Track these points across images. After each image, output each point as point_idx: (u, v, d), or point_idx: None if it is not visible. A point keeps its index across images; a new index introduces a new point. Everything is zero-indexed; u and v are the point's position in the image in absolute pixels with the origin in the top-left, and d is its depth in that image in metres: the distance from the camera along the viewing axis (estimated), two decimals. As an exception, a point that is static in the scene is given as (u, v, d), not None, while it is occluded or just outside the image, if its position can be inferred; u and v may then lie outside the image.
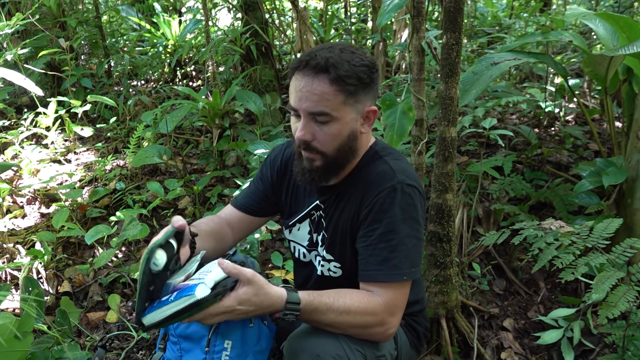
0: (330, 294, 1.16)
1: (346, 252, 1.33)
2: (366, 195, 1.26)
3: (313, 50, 1.21)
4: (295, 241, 1.48)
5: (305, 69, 1.18)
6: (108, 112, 4.15)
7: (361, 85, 1.20)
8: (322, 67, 1.16)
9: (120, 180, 3.11)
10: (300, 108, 1.20)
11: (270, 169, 1.50)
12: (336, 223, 1.34)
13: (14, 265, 2.30)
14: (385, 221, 1.22)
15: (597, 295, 1.34)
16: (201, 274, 1.12)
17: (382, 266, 1.21)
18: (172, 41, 4.97)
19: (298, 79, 1.19)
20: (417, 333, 1.48)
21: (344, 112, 1.20)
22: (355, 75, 1.18)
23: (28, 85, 2.31)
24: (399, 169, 1.27)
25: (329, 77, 1.16)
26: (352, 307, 1.16)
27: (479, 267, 2.32)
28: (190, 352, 1.30)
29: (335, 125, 1.21)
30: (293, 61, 1.25)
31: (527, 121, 3.58)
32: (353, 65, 1.18)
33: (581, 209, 2.40)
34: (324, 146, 1.23)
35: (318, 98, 1.17)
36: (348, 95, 1.19)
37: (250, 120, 4.03)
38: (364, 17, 5.93)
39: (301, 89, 1.18)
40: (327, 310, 1.14)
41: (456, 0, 1.64)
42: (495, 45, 4.29)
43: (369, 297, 1.20)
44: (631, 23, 2.23)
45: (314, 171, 1.26)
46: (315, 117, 1.20)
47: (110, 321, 2.17)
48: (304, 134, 1.21)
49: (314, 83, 1.17)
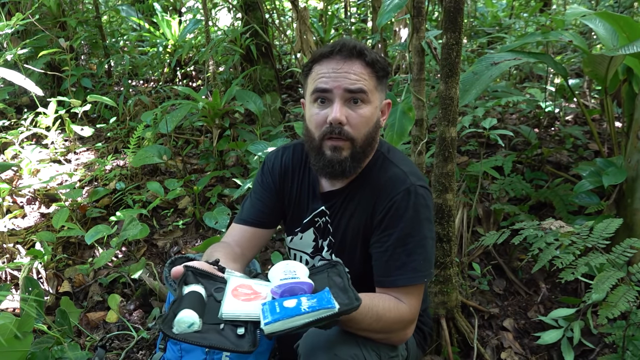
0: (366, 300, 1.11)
1: (355, 256, 1.33)
2: (379, 200, 1.26)
3: (336, 42, 1.25)
4: (296, 249, 1.47)
5: (339, 54, 1.22)
6: (108, 112, 4.15)
7: (385, 75, 1.27)
8: (359, 51, 1.22)
9: (120, 180, 3.11)
10: (336, 87, 1.21)
11: (270, 175, 1.46)
12: (345, 228, 1.33)
13: (14, 265, 2.30)
14: (401, 225, 1.22)
15: (597, 295, 1.34)
16: (286, 274, 1.05)
17: (402, 270, 1.21)
18: (172, 41, 4.97)
19: (330, 63, 1.23)
20: (423, 333, 1.49)
21: (375, 96, 1.26)
22: (382, 66, 1.25)
23: (28, 85, 2.31)
24: (410, 171, 1.28)
25: (365, 59, 1.22)
26: (384, 315, 1.16)
27: (479, 267, 2.32)
28: (190, 352, 1.30)
29: (368, 107, 1.24)
30: (312, 57, 1.28)
31: (527, 121, 3.58)
32: (379, 56, 1.25)
33: (581, 209, 2.40)
34: (356, 130, 1.24)
35: (356, 77, 1.21)
36: (378, 80, 1.26)
37: (250, 120, 4.03)
38: (364, 17, 5.93)
39: (338, 69, 1.21)
40: (362, 318, 1.12)
41: (456, 0, 1.64)
42: (495, 45, 4.29)
43: (397, 304, 1.20)
44: (631, 23, 2.23)
45: (341, 162, 1.25)
46: (353, 97, 1.22)
47: (110, 321, 2.17)
48: (340, 115, 1.21)
49: (351, 65, 1.21)
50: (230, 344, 0.98)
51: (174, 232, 2.81)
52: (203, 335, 0.98)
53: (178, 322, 0.98)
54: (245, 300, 1.05)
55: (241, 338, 1.00)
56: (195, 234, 2.79)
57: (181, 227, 2.82)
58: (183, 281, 1.13)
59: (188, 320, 0.98)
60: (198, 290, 1.08)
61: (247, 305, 1.03)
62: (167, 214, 2.92)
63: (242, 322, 1.01)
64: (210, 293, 1.11)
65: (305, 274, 1.05)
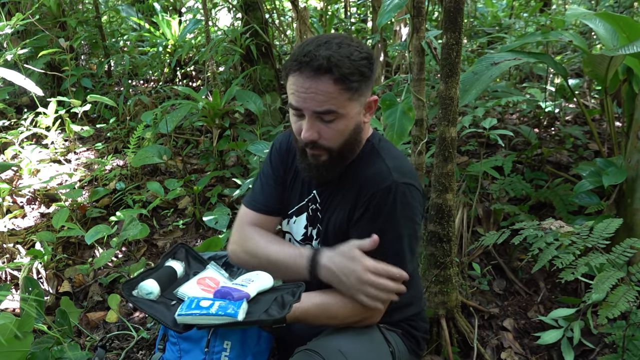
0: (317, 302, 1.23)
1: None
2: (360, 195, 1.26)
3: (308, 46, 1.15)
4: (290, 233, 1.46)
5: (307, 69, 1.13)
6: (108, 112, 4.15)
7: (363, 80, 1.18)
8: (325, 68, 1.12)
9: (120, 180, 3.11)
10: (304, 108, 1.17)
11: (278, 156, 1.45)
12: (329, 219, 1.33)
13: (14, 265, 2.30)
14: (378, 222, 1.22)
15: (597, 295, 1.34)
16: (244, 281, 1.19)
17: None
18: (172, 41, 4.97)
19: (299, 79, 1.15)
20: (416, 338, 1.45)
21: (350, 107, 1.19)
22: (358, 71, 1.15)
23: (28, 85, 2.31)
24: (394, 166, 1.26)
25: (332, 77, 1.13)
26: (339, 313, 1.24)
27: (479, 267, 2.32)
28: (189, 352, 1.30)
29: (341, 121, 1.19)
30: (289, 59, 1.19)
31: (527, 121, 3.58)
32: (353, 61, 1.15)
33: (581, 209, 2.40)
34: (331, 142, 1.22)
35: (324, 98, 1.15)
36: (353, 91, 1.17)
37: (250, 120, 4.03)
38: (364, 17, 5.93)
39: (306, 89, 1.15)
40: (313, 319, 1.24)
41: (456, 0, 1.64)
42: (495, 45, 4.29)
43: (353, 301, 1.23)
44: (631, 23, 2.23)
45: (320, 166, 1.25)
46: (322, 116, 1.18)
47: (110, 321, 2.17)
48: (310, 134, 1.19)
49: (318, 83, 1.13)
50: (164, 317, 1.10)
51: (174, 232, 2.81)
52: (151, 304, 1.14)
53: (140, 287, 1.16)
54: (203, 289, 1.20)
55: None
56: (195, 234, 2.79)
57: (181, 227, 2.82)
58: (172, 254, 1.34)
59: (148, 289, 1.15)
60: (175, 267, 1.27)
61: (200, 293, 1.18)
62: (167, 214, 2.92)
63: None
64: (189, 274, 1.29)
65: (259, 288, 1.17)
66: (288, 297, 1.16)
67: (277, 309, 1.11)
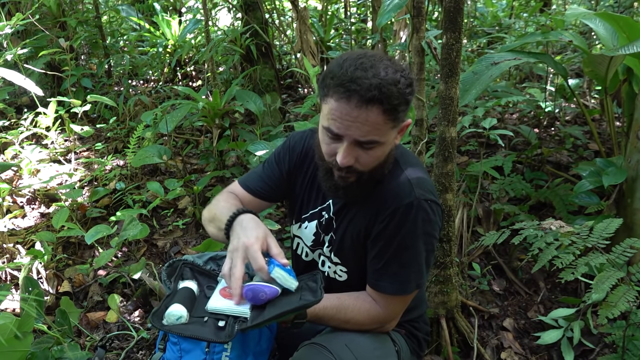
0: (335, 304, 1.24)
1: (354, 259, 1.33)
2: (381, 210, 1.24)
3: (354, 71, 1.08)
4: (300, 237, 1.46)
5: (355, 99, 1.07)
6: (108, 112, 4.15)
7: (407, 108, 1.15)
8: (377, 99, 1.06)
9: (120, 180, 3.11)
10: (347, 135, 1.12)
11: (289, 154, 1.44)
12: (346, 228, 1.32)
13: (14, 265, 2.30)
14: (399, 238, 1.22)
15: (597, 295, 1.34)
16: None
17: (392, 280, 1.23)
18: (172, 41, 4.97)
19: (346, 107, 1.08)
20: (418, 339, 1.47)
21: (390, 135, 1.16)
22: (405, 100, 1.12)
23: (28, 85, 2.31)
24: (417, 182, 1.24)
25: (382, 108, 1.08)
26: (354, 318, 1.25)
27: (479, 267, 2.32)
28: (190, 352, 1.29)
29: (380, 148, 1.16)
30: (331, 80, 1.11)
31: (527, 121, 3.58)
32: (400, 89, 1.09)
33: (581, 209, 2.40)
34: (365, 167, 1.19)
35: (369, 128, 1.10)
36: (397, 121, 1.14)
37: (250, 120, 4.03)
38: (364, 17, 5.94)
39: (353, 118, 1.09)
40: (329, 319, 1.25)
41: (456, 0, 1.64)
42: (495, 45, 4.29)
43: (370, 307, 1.26)
44: (631, 23, 2.23)
45: (348, 187, 1.23)
46: (362, 144, 1.14)
47: (110, 321, 2.17)
48: (348, 160, 1.15)
49: (368, 114, 1.08)
50: (208, 334, 1.11)
51: (174, 232, 2.81)
52: (186, 326, 1.13)
53: (168, 315, 1.12)
54: (230, 298, 1.19)
55: (221, 330, 1.14)
56: (195, 234, 2.79)
57: (181, 227, 2.82)
58: (180, 276, 1.31)
59: (176, 314, 1.13)
60: (190, 287, 1.25)
61: (230, 302, 1.17)
62: (167, 214, 2.92)
63: (224, 315, 1.16)
64: (202, 289, 1.28)
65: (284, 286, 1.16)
66: (311, 283, 1.17)
67: (310, 295, 1.12)
